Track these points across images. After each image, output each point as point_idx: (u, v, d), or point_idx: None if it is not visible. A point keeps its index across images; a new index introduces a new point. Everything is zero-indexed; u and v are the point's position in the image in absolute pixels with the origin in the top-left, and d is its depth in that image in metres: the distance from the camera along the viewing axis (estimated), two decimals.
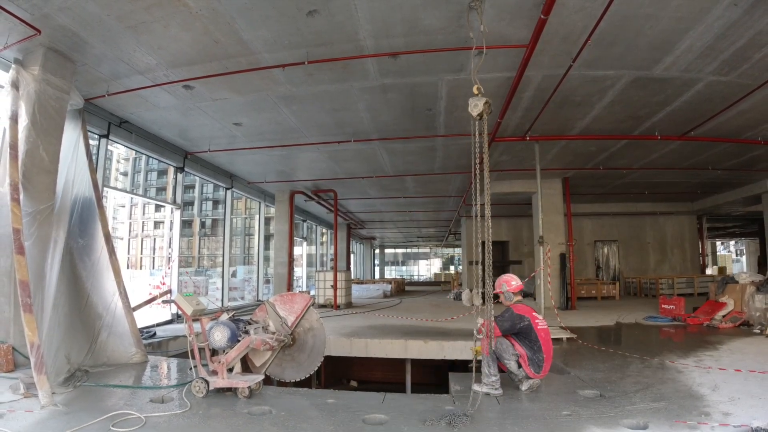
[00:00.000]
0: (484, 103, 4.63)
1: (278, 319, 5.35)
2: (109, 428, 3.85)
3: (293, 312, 5.37)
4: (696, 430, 3.67)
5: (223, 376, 4.82)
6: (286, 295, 5.53)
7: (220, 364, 4.85)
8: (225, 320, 5.06)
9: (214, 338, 4.89)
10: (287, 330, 5.30)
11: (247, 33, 5.80)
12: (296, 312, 5.36)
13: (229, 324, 4.98)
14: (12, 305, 5.62)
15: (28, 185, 5.59)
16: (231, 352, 4.93)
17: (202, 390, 4.77)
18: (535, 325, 4.94)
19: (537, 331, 4.92)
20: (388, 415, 4.24)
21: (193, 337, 4.99)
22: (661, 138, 9.63)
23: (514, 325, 4.93)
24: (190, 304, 5.04)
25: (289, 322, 5.33)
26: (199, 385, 4.78)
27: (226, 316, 5.26)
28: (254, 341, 5.00)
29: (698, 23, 5.53)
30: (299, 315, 5.36)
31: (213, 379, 4.82)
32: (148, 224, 57.26)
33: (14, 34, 5.59)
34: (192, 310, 5.00)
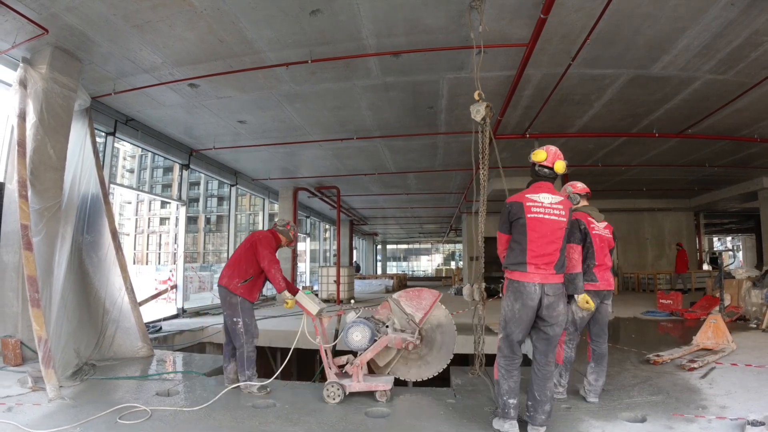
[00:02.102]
0: (485, 107, 4.69)
1: (404, 316, 4.96)
2: (116, 421, 3.88)
3: (421, 308, 5.00)
4: (693, 423, 3.71)
5: (359, 379, 4.56)
6: (412, 290, 5.09)
7: (355, 367, 4.59)
8: (361, 320, 4.78)
9: (354, 339, 4.63)
10: (414, 327, 4.89)
11: (251, 32, 5.84)
12: (424, 308, 4.99)
13: (368, 323, 4.72)
14: (20, 300, 5.66)
15: (35, 182, 5.62)
16: (367, 353, 4.64)
17: (338, 395, 4.47)
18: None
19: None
20: (391, 409, 4.30)
21: (321, 339, 4.76)
22: (659, 135, 9.68)
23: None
24: (315, 303, 4.84)
25: (416, 319, 4.93)
26: (333, 390, 4.49)
27: (354, 314, 4.99)
28: (393, 340, 4.69)
29: (696, 23, 5.57)
30: (427, 312, 4.98)
31: (348, 383, 4.54)
32: (153, 220, 57.32)
33: (22, 34, 5.63)
34: (317, 309, 4.80)
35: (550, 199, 3.68)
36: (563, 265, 3.66)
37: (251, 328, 4.90)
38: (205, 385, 5.14)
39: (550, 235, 3.57)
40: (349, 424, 3.91)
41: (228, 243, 14.16)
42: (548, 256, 3.54)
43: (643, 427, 3.70)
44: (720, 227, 30.00)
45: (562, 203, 3.71)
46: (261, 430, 3.79)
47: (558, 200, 3.71)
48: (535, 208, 3.61)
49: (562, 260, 3.62)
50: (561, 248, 3.60)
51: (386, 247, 51.48)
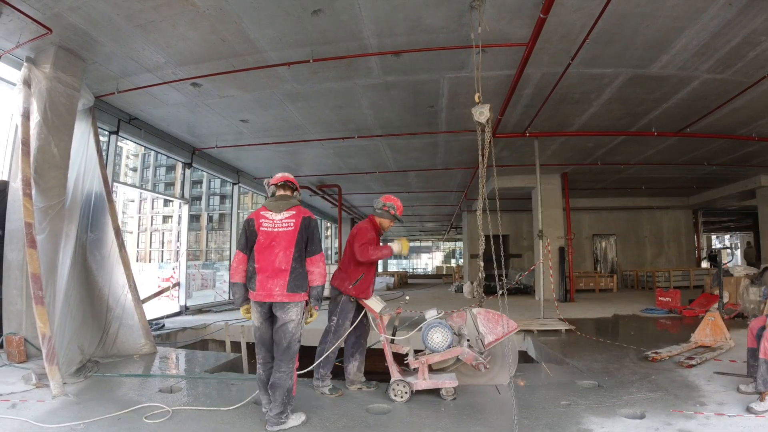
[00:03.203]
0: (489, 108, 4.74)
1: (476, 333, 4.87)
2: (143, 419, 3.87)
3: (494, 333, 4.83)
4: (692, 419, 3.71)
5: (425, 376, 4.52)
6: (493, 313, 4.90)
7: (422, 364, 4.54)
8: (444, 322, 4.69)
9: (434, 339, 4.59)
10: (481, 348, 4.76)
11: (253, 32, 5.88)
12: (497, 335, 4.82)
13: (450, 328, 4.66)
14: (24, 298, 5.68)
15: (39, 181, 5.62)
16: (436, 355, 4.59)
17: (405, 392, 4.43)
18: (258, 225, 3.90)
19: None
20: (392, 405, 4.30)
21: (385, 338, 4.70)
22: (658, 134, 9.73)
23: None
24: (378, 301, 4.81)
25: (485, 341, 4.79)
26: (400, 388, 4.45)
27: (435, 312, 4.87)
28: (466, 354, 4.59)
29: (694, 22, 5.61)
30: (499, 339, 4.82)
31: (414, 380, 4.51)
32: (156, 218, 57.31)
33: (26, 33, 5.66)
34: (380, 307, 4.77)
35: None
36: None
37: (341, 332, 4.80)
38: (207, 383, 5.16)
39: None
40: (350, 420, 3.91)
41: (230, 241, 14.20)
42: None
43: (642, 423, 3.69)
44: (718, 225, 30.04)
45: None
46: (263, 425, 3.78)
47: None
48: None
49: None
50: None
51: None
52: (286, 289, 3.73)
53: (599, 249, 20.47)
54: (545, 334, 7.81)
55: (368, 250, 4.71)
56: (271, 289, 3.73)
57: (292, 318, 3.75)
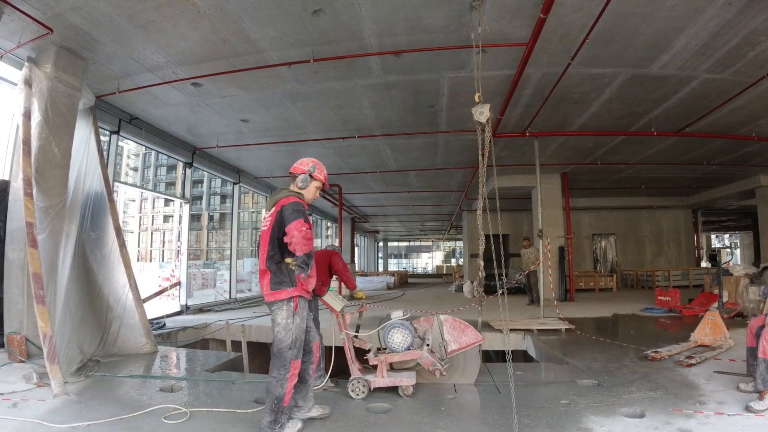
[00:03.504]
0: (489, 108, 4.75)
1: (440, 339, 4.94)
2: (161, 420, 3.85)
3: (458, 342, 4.93)
4: (692, 418, 3.72)
5: (383, 374, 4.57)
6: (460, 322, 5.01)
7: (381, 363, 4.60)
8: (406, 324, 4.75)
9: (394, 339, 4.67)
10: (443, 354, 4.86)
11: (254, 32, 5.90)
12: (461, 344, 4.93)
13: (412, 331, 4.72)
14: (25, 297, 5.68)
15: (40, 180, 5.63)
16: (395, 356, 4.66)
17: (363, 391, 4.50)
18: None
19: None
20: (392, 404, 4.31)
21: (346, 335, 4.76)
22: (658, 134, 9.75)
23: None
24: (338, 301, 4.83)
25: (448, 349, 4.89)
26: (358, 386, 4.52)
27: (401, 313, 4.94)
28: (425, 358, 4.65)
29: (693, 22, 5.63)
30: (462, 348, 4.93)
31: (372, 378, 4.57)
32: (157, 218, 57.41)
33: (27, 33, 5.67)
34: (341, 306, 4.78)
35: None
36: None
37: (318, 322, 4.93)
38: (208, 382, 5.17)
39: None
40: (351, 419, 3.93)
41: (231, 241, 14.23)
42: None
43: (641, 422, 3.70)
44: (718, 225, 30.07)
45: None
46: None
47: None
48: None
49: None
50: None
51: (387, 244, 51.61)
52: (270, 288, 3.59)
53: (599, 248, 20.49)
54: (545, 334, 7.82)
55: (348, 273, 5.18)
56: (262, 289, 3.67)
57: (278, 321, 3.56)
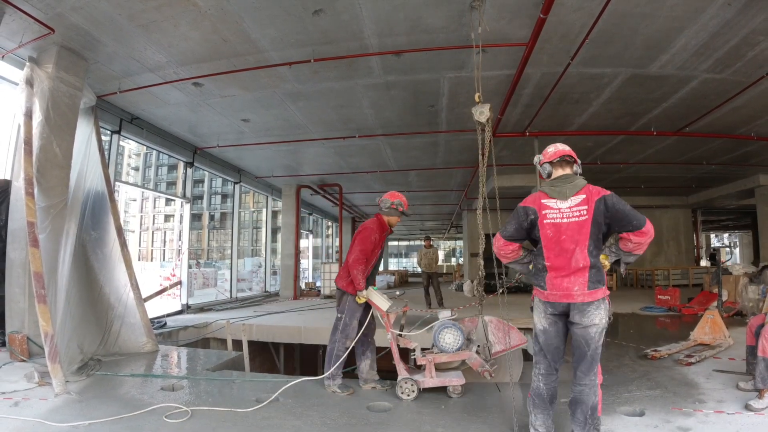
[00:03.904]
0: (489, 108, 4.76)
1: (485, 340, 4.88)
2: (163, 419, 3.87)
3: (502, 343, 4.85)
4: (691, 416, 3.74)
5: (431, 374, 4.55)
6: (504, 324, 4.89)
7: (429, 362, 4.58)
8: (456, 324, 4.74)
9: (445, 339, 4.65)
10: (487, 355, 4.81)
11: (254, 32, 5.91)
12: (505, 345, 4.85)
13: (461, 329, 4.70)
14: (26, 296, 5.69)
15: (41, 180, 5.65)
16: (444, 356, 4.65)
17: (413, 390, 4.47)
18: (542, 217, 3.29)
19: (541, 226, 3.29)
20: (392, 403, 4.33)
21: (393, 335, 4.71)
22: (657, 134, 9.75)
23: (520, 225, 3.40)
24: (385, 299, 4.80)
25: (493, 350, 4.83)
26: (408, 386, 4.48)
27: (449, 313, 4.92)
28: (473, 359, 4.62)
29: (693, 22, 5.63)
30: (506, 350, 4.85)
31: (421, 378, 4.55)
32: (158, 217, 57.38)
33: (29, 33, 5.68)
34: (387, 306, 4.75)
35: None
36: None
37: (348, 330, 4.81)
38: (208, 381, 5.19)
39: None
40: (351, 418, 3.94)
41: (231, 240, 14.25)
42: None
43: (641, 420, 3.72)
44: (717, 224, 30.07)
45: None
46: (264, 424, 3.82)
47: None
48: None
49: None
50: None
51: (388, 243, 51.55)
52: (587, 287, 3.13)
53: None
54: None
55: (359, 264, 4.71)
56: (569, 289, 3.16)
57: (594, 322, 3.13)
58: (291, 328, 8.82)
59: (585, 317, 3.13)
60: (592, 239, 3.15)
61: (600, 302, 3.15)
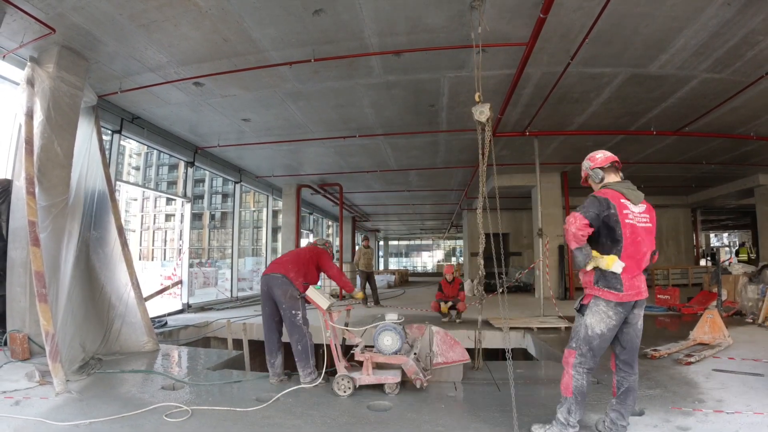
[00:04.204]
0: (489, 108, 4.77)
1: (429, 350, 4.99)
2: (163, 418, 3.88)
3: (445, 356, 4.97)
4: (691, 416, 3.75)
5: (368, 372, 4.64)
6: (450, 337, 5.03)
7: (366, 359, 4.66)
8: (398, 327, 4.78)
9: (384, 341, 4.71)
10: (428, 364, 4.92)
11: (255, 31, 5.92)
12: (447, 359, 4.98)
13: (403, 336, 4.74)
14: (27, 295, 5.70)
15: (42, 179, 5.66)
16: (381, 357, 4.70)
17: (349, 387, 4.57)
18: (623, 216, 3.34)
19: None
20: (392, 402, 4.34)
21: (331, 333, 4.84)
22: (657, 133, 9.76)
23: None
24: (325, 298, 4.91)
25: (434, 360, 4.94)
26: (344, 383, 4.58)
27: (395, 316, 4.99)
28: (409, 366, 4.65)
29: (692, 22, 5.65)
30: (447, 363, 4.98)
31: (358, 376, 4.63)
32: (159, 217, 57.51)
33: (30, 33, 5.70)
34: (327, 304, 4.87)
35: None
36: None
37: (306, 319, 5.06)
38: (209, 380, 5.20)
39: None
40: (351, 417, 3.94)
41: (232, 239, 14.26)
42: None
43: (641, 420, 3.72)
44: (717, 224, 30.11)
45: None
46: (264, 423, 3.82)
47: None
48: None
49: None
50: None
51: (388, 243, 51.67)
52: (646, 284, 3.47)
53: None
54: (545, 332, 7.85)
55: (344, 277, 5.63)
56: (639, 287, 3.36)
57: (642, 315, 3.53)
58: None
59: (642, 311, 3.47)
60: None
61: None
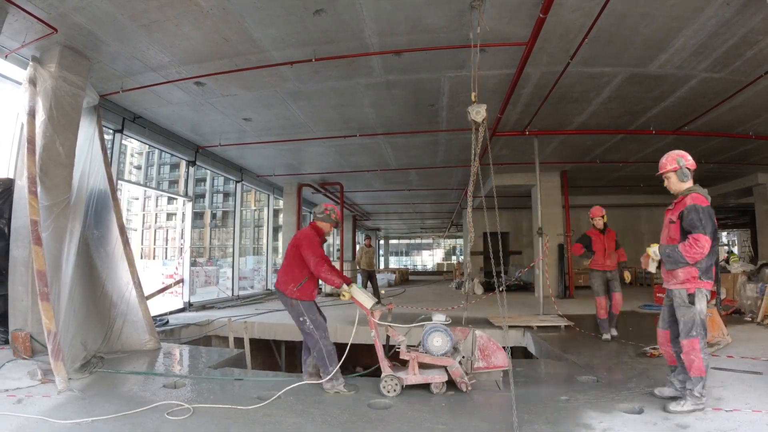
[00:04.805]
0: (485, 109, 4.80)
1: (470, 354, 4.97)
2: (165, 416, 3.87)
3: (486, 361, 4.92)
4: (690, 414, 3.73)
5: (415, 371, 4.59)
6: (494, 343, 4.97)
7: (413, 359, 4.62)
8: (448, 330, 4.73)
9: (433, 342, 4.64)
10: (468, 368, 4.88)
11: (256, 31, 5.94)
12: (489, 364, 4.92)
13: (451, 335, 4.69)
14: (30, 294, 5.71)
15: (45, 178, 5.67)
16: (428, 357, 4.65)
17: (396, 388, 4.52)
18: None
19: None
20: (393, 400, 4.35)
21: (376, 333, 4.75)
22: (656, 133, 9.78)
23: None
24: (369, 297, 4.82)
25: (475, 365, 4.91)
26: (391, 383, 4.53)
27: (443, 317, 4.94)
28: (455, 368, 4.63)
29: (692, 22, 5.66)
30: (489, 368, 4.94)
31: (404, 376, 4.58)
32: (160, 216, 57.73)
33: (32, 33, 5.72)
34: (371, 303, 4.77)
35: None
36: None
37: (319, 323, 4.83)
38: (211, 378, 5.22)
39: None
40: (352, 415, 3.95)
41: (233, 238, 14.28)
42: None
43: (640, 417, 3.72)
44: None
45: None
46: (265, 421, 3.83)
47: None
48: None
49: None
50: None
51: (388, 242, 51.71)
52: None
53: None
54: (544, 330, 7.88)
55: (323, 267, 4.69)
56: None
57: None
58: (292, 325, 8.64)
59: None
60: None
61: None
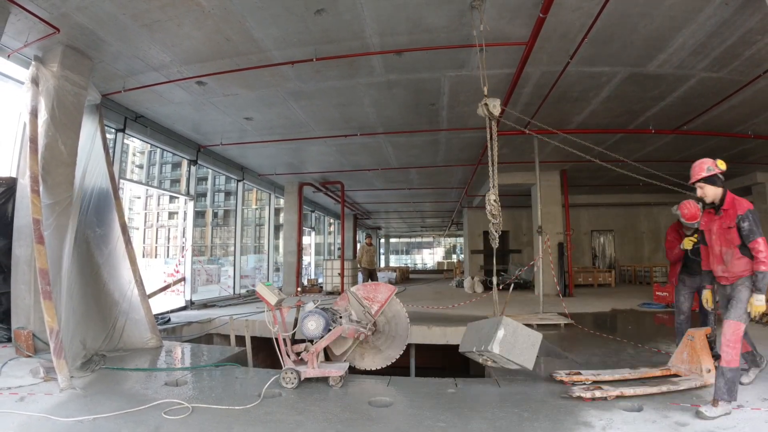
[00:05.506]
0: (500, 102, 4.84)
1: (361, 308, 5.23)
2: (165, 414, 3.89)
3: (377, 301, 5.29)
4: (688, 412, 3.79)
5: (313, 365, 4.74)
6: (370, 284, 5.43)
7: (310, 354, 4.77)
8: (317, 310, 4.98)
9: (309, 328, 4.83)
10: (370, 319, 5.19)
11: (257, 31, 5.96)
12: (380, 301, 5.27)
13: (323, 314, 4.91)
14: (32, 292, 5.74)
15: (47, 177, 5.68)
16: (321, 341, 4.84)
17: (293, 381, 4.67)
18: None
19: None
20: (393, 398, 4.37)
21: (278, 328, 4.91)
22: (655, 132, 9.83)
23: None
24: (273, 294, 4.95)
25: (372, 311, 5.23)
26: (289, 376, 4.68)
27: (312, 305, 5.15)
28: (347, 330, 4.92)
29: (691, 22, 5.69)
30: (383, 304, 5.26)
31: (303, 369, 4.74)
32: (162, 215, 57.85)
33: (34, 33, 5.75)
34: (275, 300, 4.92)
35: None
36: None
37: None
38: (212, 376, 5.25)
39: None
40: (353, 413, 3.98)
41: (235, 237, 14.30)
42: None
43: (639, 415, 3.75)
44: None
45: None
46: (266, 419, 3.85)
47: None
48: None
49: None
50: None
51: (389, 240, 51.68)
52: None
53: (597, 245, 20.62)
54: (544, 328, 7.88)
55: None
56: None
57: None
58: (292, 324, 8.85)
59: None
60: None
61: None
